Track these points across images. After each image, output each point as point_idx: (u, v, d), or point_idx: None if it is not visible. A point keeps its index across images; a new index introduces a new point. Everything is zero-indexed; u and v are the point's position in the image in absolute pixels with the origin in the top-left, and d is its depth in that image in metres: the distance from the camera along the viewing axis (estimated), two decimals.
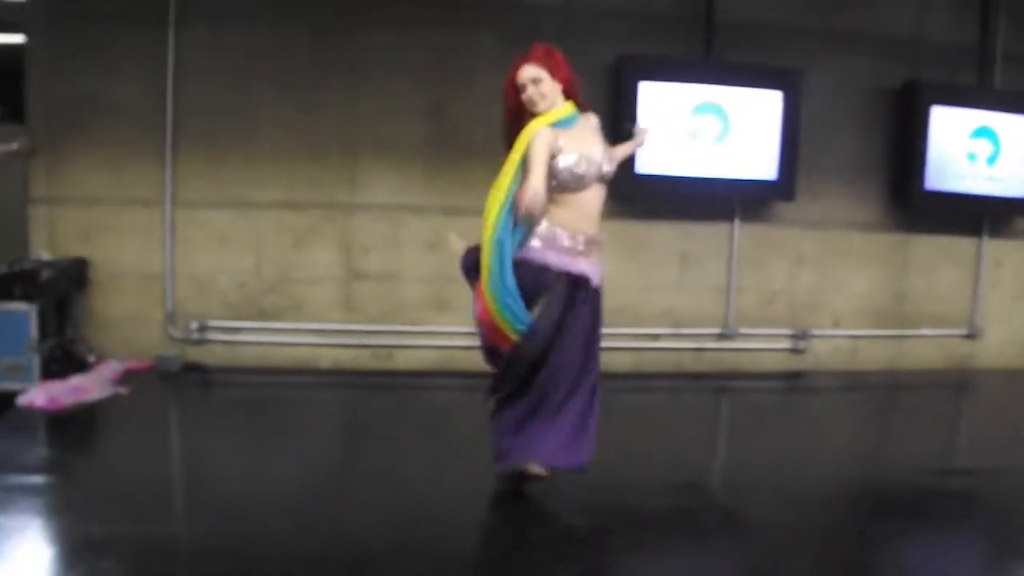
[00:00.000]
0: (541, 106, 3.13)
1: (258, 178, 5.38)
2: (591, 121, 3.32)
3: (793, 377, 5.97)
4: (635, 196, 5.62)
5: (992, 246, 6.35)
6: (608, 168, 3.22)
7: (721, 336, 5.87)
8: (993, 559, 3.22)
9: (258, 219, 5.40)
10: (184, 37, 5.18)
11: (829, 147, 5.90)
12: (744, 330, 5.90)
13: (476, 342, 3.43)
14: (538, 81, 3.11)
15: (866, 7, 5.90)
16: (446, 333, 5.50)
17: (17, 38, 5.36)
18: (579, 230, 3.20)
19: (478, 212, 5.39)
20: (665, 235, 5.78)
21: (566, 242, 3.17)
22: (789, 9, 5.79)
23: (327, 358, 5.50)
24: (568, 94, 3.21)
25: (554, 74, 3.13)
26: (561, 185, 3.14)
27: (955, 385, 6.26)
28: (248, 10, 5.24)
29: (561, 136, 3.12)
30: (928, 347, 6.25)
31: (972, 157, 6.08)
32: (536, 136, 3.09)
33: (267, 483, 3.57)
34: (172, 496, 3.52)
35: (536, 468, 3.35)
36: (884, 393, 5.96)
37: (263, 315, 5.42)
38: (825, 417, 5.38)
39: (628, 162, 5.41)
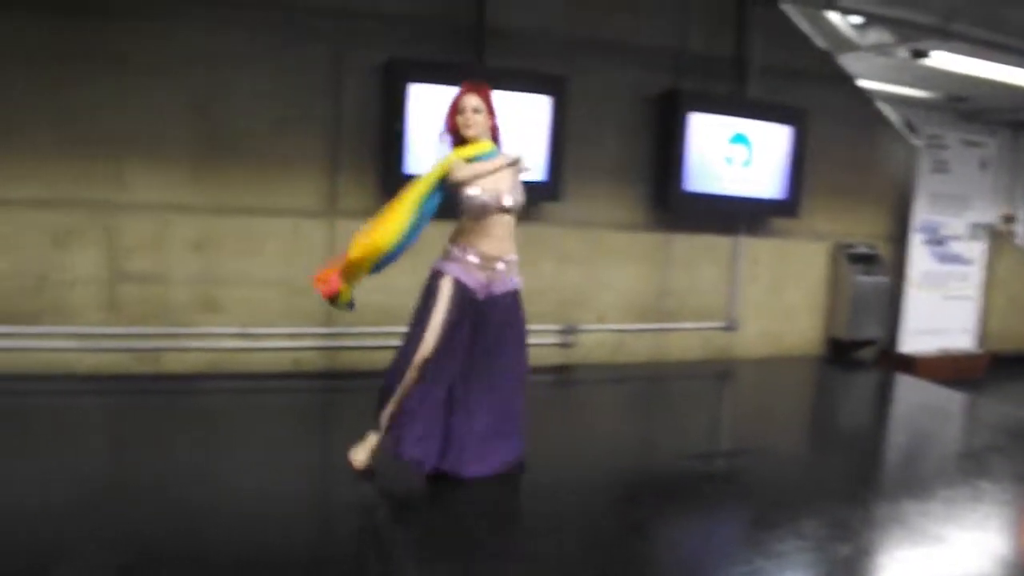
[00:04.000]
0: (469, 132, 3.67)
1: (15, 175, 5.15)
2: (508, 159, 3.67)
3: (561, 371, 6.22)
4: None
5: (749, 244, 6.86)
6: (510, 203, 3.64)
7: None
8: (752, 531, 3.48)
9: (14, 218, 5.19)
10: None
11: (596, 151, 6.19)
12: None
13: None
14: (477, 111, 3.67)
15: (631, 18, 6.24)
16: (215, 335, 5.48)
17: None
18: (488, 252, 3.68)
19: (246, 211, 5.47)
20: None
21: (472, 259, 3.67)
22: (558, 18, 6.05)
23: (86, 363, 5.32)
24: (492, 135, 3.77)
25: (490, 113, 3.72)
26: (468, 212, 3.65)
27: (715, 374, 6.72)
28: None
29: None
30: (690, 339, 6.69)
31: (729, 161, 6.55)
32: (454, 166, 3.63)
33: (19, 498, 3.36)
34: None
35: None
36: (649, 383, 6.32)
37: (17, 319, 5.22)
38: (595, 408, 5.63)
39: None
